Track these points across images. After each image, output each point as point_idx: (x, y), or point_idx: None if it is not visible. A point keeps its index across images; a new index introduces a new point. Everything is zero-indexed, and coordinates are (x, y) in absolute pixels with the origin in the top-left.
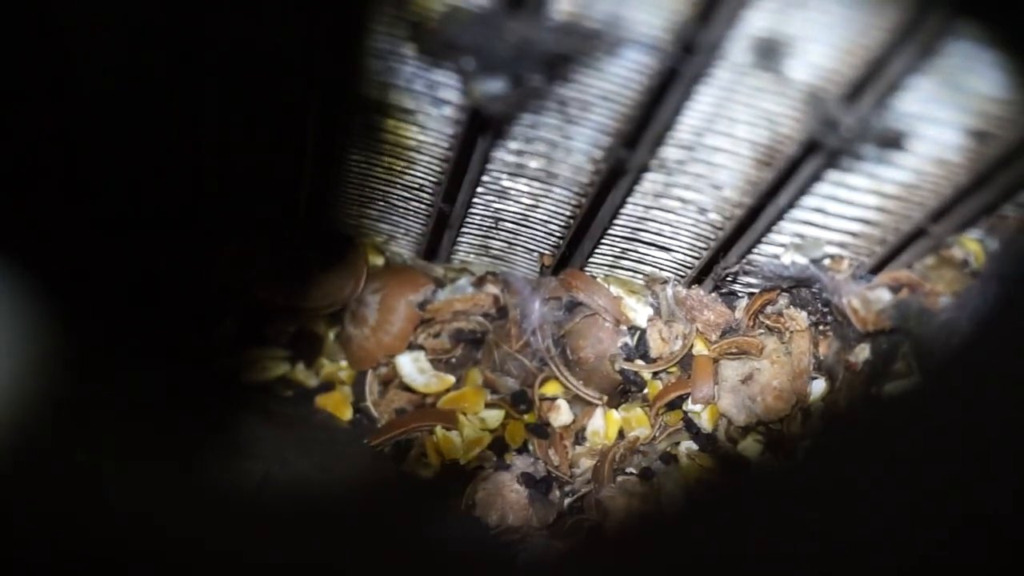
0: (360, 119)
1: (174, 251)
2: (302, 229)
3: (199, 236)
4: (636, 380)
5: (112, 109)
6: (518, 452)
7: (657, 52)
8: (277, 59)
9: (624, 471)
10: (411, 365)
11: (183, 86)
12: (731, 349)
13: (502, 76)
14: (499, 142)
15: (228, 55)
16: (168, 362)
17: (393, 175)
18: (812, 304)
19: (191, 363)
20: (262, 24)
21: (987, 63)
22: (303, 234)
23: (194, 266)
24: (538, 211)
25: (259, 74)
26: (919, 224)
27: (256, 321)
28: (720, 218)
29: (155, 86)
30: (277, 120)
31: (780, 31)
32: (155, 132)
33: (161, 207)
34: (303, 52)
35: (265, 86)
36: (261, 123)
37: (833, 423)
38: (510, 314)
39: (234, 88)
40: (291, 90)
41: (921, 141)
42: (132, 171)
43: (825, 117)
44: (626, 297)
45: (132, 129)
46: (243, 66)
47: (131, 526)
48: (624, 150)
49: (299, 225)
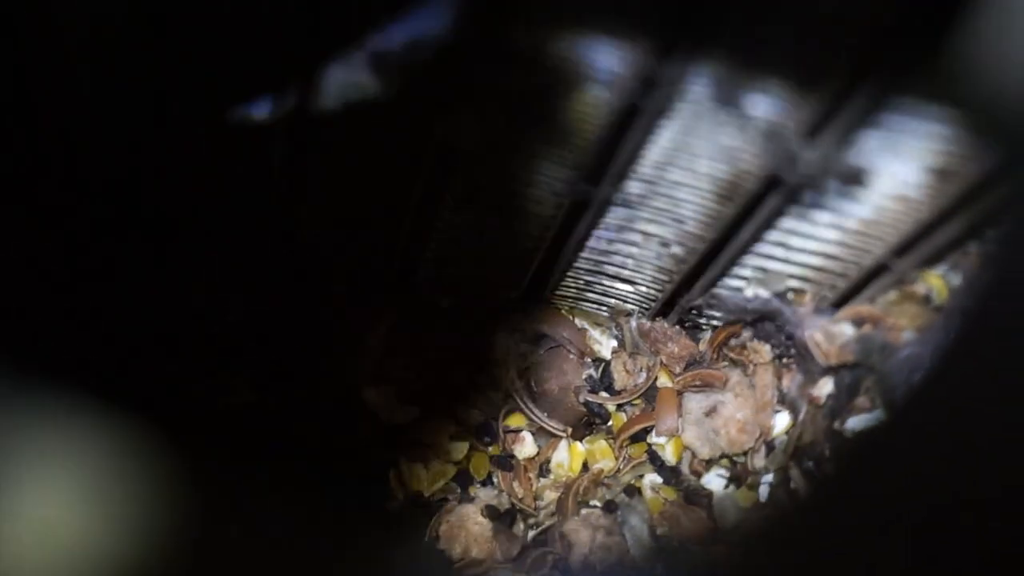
0: None
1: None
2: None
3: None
4: (600, 412)
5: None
6: (482, 484)
7: (618, 88)
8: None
9: (588, 504)
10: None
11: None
12: (695, 382)
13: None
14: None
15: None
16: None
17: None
18: (775, 337)
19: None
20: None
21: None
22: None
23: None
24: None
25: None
26: (881, 259)
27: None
28: (683, 252)
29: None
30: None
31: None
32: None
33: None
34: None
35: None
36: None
37: (797, 457)
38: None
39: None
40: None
41: (881, 177)
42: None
43: (785, 153)
44: (591, 329)
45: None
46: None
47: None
48: (587, 184)
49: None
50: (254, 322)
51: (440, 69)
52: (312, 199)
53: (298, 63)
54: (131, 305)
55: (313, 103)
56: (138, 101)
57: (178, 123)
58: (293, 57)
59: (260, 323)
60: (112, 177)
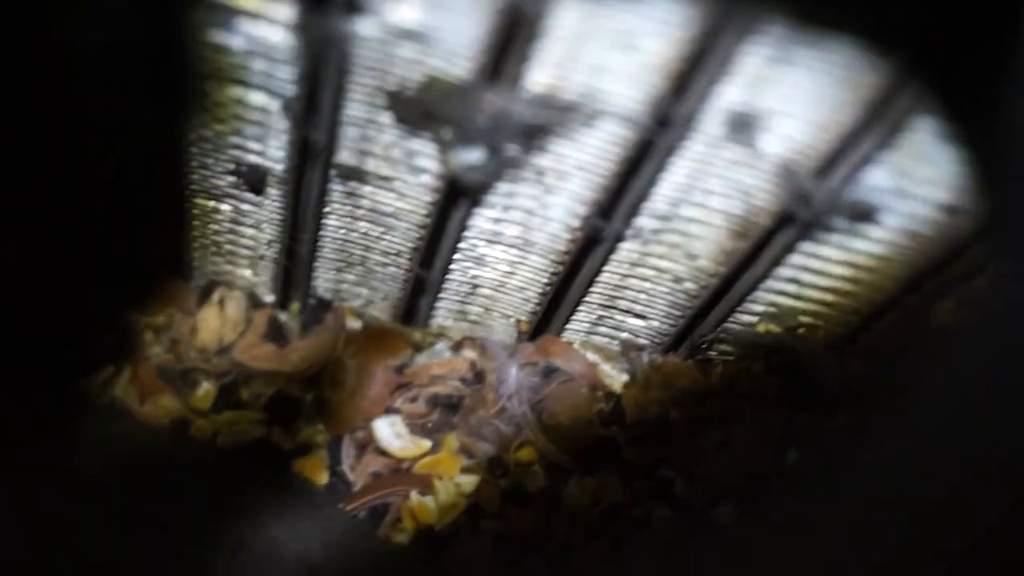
0: (338, 186)
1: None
2: (279, 293)
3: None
4: (611, 446)
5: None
6: (493, 518)
7: (633, 124)
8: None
9: (599, 537)
10: (387, 429)
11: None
12: (706, 416)
13: (479, 146)
14: (476, 210)
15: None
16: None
17: (370, 240)
18: (788, 372)
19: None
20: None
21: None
22: (280, 299)
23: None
24: (515, 277)
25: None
26: (893, 295)
27: (232, 384)
28: (696, 287)
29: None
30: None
31: (754, 105)
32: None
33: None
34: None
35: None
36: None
37: (808, 488)
38: (487, 379)
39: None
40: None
41: (892, 214)
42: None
43: (798, 190)
44: (602, 363)
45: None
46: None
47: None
48: (600, 219)
49: (276, 289)
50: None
51: None
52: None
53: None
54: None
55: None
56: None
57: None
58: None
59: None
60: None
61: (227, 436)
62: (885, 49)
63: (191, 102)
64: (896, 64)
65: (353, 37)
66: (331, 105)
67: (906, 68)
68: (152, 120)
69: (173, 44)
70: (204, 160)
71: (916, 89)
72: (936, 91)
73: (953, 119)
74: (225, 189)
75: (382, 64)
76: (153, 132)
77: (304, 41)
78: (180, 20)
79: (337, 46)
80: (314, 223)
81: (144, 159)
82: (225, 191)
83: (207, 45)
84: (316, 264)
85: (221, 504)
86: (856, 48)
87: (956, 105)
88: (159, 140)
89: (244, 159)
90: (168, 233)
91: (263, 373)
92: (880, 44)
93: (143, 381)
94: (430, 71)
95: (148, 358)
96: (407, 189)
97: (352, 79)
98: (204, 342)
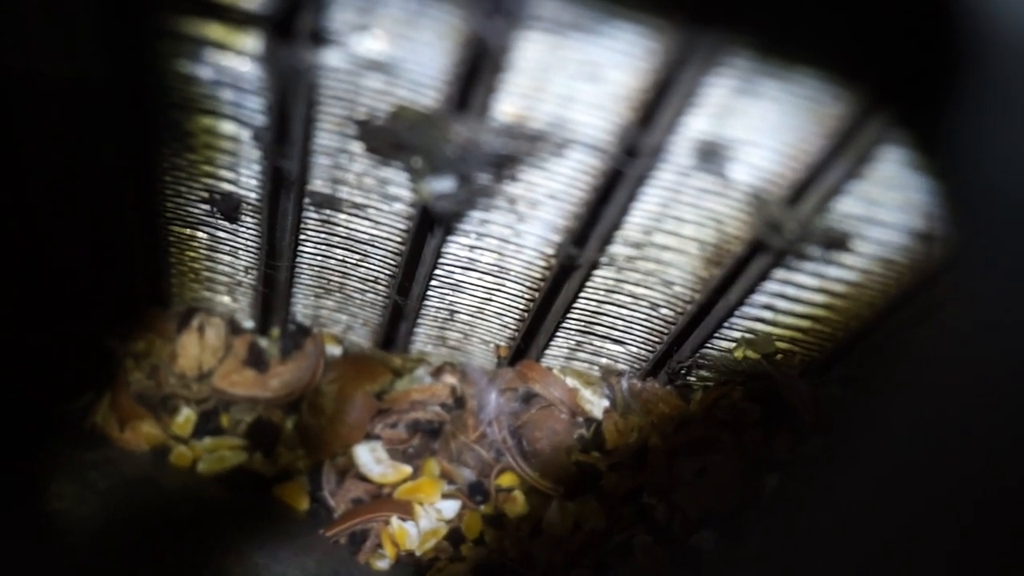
0: (312, 213)
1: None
2: (258, 319)
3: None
4: (592, 472)
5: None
6: (474, 543)
7: (601, 154)
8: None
9: (580, 563)
10: (368, 455)
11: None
12: (686, 441)
13: (450, 175)
14: (451, 237)
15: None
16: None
17: (348, 267)
18: (765, 398)
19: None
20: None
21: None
22: (259, 325)
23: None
24: (493, 304)
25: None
26: (868, 321)
27: (212, 411)
28: (672, 313)
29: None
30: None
31: (721, 135)
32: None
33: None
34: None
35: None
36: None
37: (787, 514)
38: (467, 405)
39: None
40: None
41: (866, 242)
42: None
43: (769, 219)
44: (582, 389)
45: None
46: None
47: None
48: (573, 247)
49: (255, 315)
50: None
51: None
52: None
53: None
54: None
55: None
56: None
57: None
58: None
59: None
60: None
61: (207, 463)
62: (850, 80)
63: (161, 131)
64: (862, 95)
65: (320, 68)
66: (301, 134)
67: (872, 99)
68: (123, 149)
69: (143, 75)
70: (178, 188)
71: (883, 119)
72: (902, 121)
73: (920, 148)
74: (200, 217)
75: (350, 94)
76: (125, 161)
77: (272, 72)
78: (149, 51)
79: (305, 77)
80: (290, 250)
81: (116, 187)
82: (200, 219)
83: (176, 75)
84: (294, 290)
85: (201, 531)
86: (822, 79)
87: (923, 134)
88: (131, 169)
89: (217, 187)
90: (144, 260)
91: (243, 399)
92: (845, 75)
93: (123, 407)
94: (398, 101)
95: (128, 384)
96: (381, 217)
97: (321, 109)
98: (184, 368)
